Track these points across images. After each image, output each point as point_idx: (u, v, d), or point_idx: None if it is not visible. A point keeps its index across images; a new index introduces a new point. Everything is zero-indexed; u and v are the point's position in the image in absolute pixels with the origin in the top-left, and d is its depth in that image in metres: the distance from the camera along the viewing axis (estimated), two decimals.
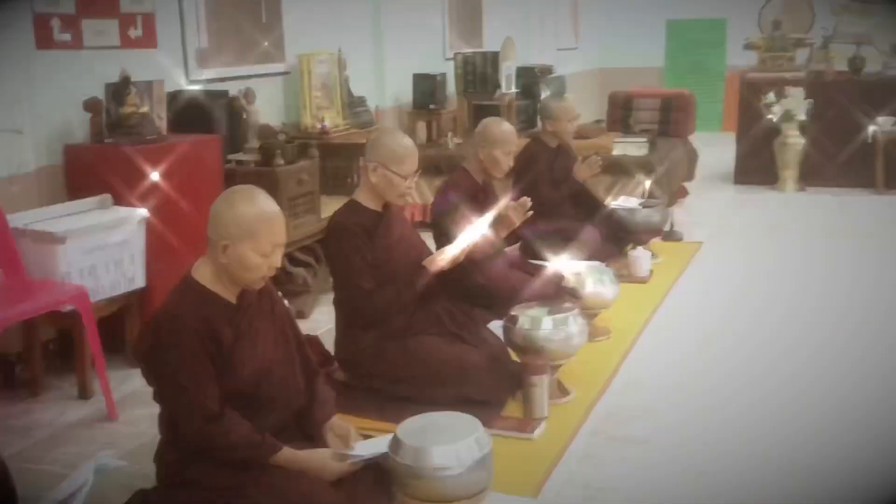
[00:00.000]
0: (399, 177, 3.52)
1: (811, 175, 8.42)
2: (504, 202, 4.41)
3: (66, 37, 4.42)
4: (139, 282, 4.21)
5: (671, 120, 8.07)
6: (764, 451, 3.31)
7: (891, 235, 6.61)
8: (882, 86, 8.28)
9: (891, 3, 9.14)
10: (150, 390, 2.61)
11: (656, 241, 6.18)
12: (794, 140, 8.28)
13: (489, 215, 4.26)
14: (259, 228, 2.49)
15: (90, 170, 4.32)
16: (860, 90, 8.30)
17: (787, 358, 4.25)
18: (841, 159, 8.31)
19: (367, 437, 2.79)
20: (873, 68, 8.65)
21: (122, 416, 3.75)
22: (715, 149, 10.45)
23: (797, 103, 8.15)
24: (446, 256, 3.64)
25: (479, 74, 8.04)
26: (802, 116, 8.16)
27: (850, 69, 8.59)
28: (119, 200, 4.24)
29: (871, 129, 8.06)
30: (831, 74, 8.64)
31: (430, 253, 3.79)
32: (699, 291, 5.37)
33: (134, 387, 4.00)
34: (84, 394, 3.96)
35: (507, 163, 4.51)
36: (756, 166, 8.69)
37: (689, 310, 5.03)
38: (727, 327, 4.70)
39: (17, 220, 3.91)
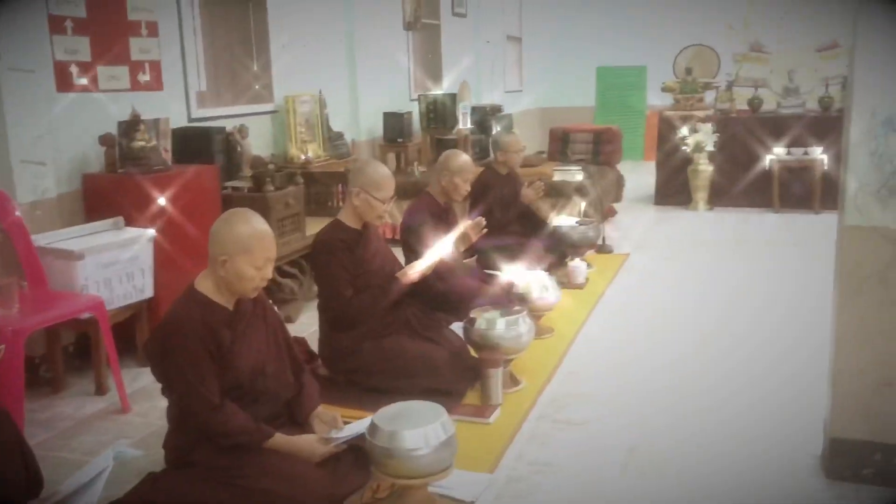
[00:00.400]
0: (378, 201, 3.51)
1: (719, 197, 8.53)
2: (464, 223, 4.42)
3: (84, 81, 4.36)
4: (148, 292, 4.15)
5: (602, 151, 8.12)
6: (688, 428, 3.33)
7: (785, 245, 6.73)
8: (776, 121, 8.40)
9: (781, 54, 9.32)
10: (158, 386, 2.58)
11: (591, 254, 6.21)
12: (704, 167, 8.39)
13: (452, 235, 4.27)
14: (253, 245, 2.48)
15: (105, 196, 4.26)
16: (758, 125, 8.41)
17: (702, 346, 4.30)
18: (743, 183, 8.41)
19: (347, 423, 2.77)
20: (769, 107, 8.80)
21: (135, 409, 3.68)
22: (638, 175, 10.58)
23: (706, 136, 8.25)
24: (416, 270, 3.65)
25: (439, 112, 8.06)
26: (711, 147, 8.27)
27: (750, 108, 8.71)
28: (130, 222, 4.18)
29: (768, 158, 8.18)
30: (734, 112, 8.76)
31: (402, 266, 3.79)
32: (627, 295, 5.41)
33: (144, 383, 3.94)
34: (100, 390, 3.88)
35: (465, 188, 4.52)
36: (673, 189, 8.78)
37: (619, 310, 5.06)
38: (651, 323, 4.73)
39: (41, 239, 3.85)
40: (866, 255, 2.74)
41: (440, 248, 3.82)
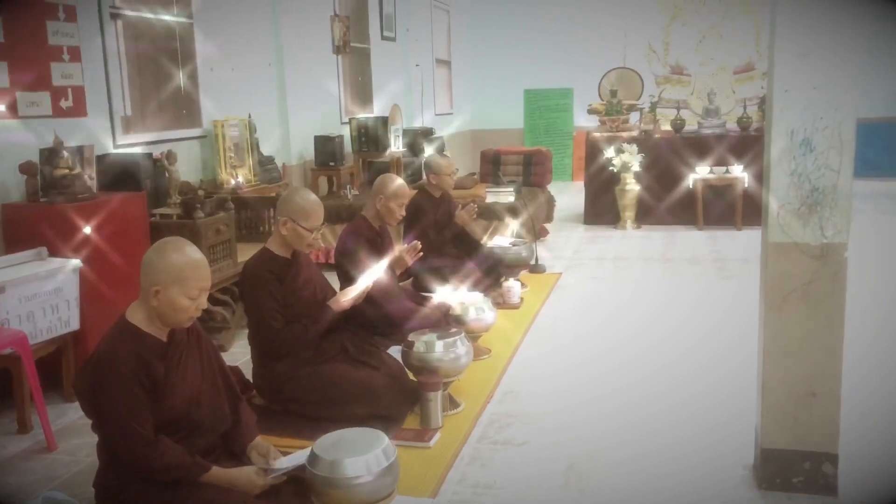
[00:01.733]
0: (306, 230, 3.47)
1: (645, 215, 8.74)
2: (399, 247, 4.41)
3: (1, 107, 4.21)
4: (74, 324, 4.01)
5: (532, 172, 8.24)
6: (624, 443, 3.39)
7: (711, 261, 6.93)
8: (698, 141, 8.66)
9: (700, 76, 9.66)
10: (85, 422, 2.49)
11: (524, 274, 6.28)
12: (631, 187, 8.58)
13: (386, 260, 4.26)
14: (187, 274, 2.43)
15: (26, 226, 4.11)
16: (682, 145, 8.65)
17: (635, 361, 4.38)
18: (668, 202, 8.65)
19: (285, 453, 2.73)
20: (691, 127, 9.08)
21: (61, 447, 3.53)
22: (568, 195, 10.77)
23: (632, 157, 8.46)
24: (348, 297, 3.62)
25: (371, 136, 8.06)
26: (637, 167, 8.48)
27: (673, 128, 8.97)
28: (54, 252, 4.04)
29: (692, 177, 8.43)
30: (658, 133, 9.00)
31: (335, 293, 3.76)
32: (561, 314, 5.48)
33: (70, 419, 3.79)
34: (23, 428, 3.72)
35: (400, 212, 4.53)
36: (601, 209, 8.95)
37: (554, 329, 5.12)
38: (585, 341, 4.80)
39: None
40: (789, 271, 2.84)
41: (372, 274, 3.82)
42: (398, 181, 4.54)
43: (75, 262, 3.99)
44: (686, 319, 5.21)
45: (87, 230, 4.09)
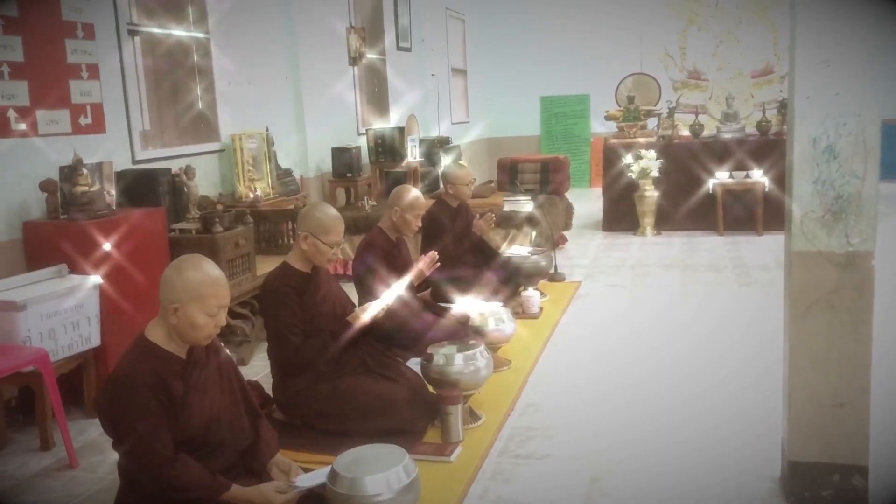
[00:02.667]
0: (326, 245, 3.47)
1: (665, 221, 8.68)
2: (417, 262, 4.38)
3: (22, 126, 4.24)
4: (94, 341, 4.02)
5: (550, 180, 8.20)
6: (648, 455, 3.34)
7: (730, 266, 6.86)
8: (717, 146, 8.59)
9: (718, 81, 9.59)
10: (107, 439, 2.48)
11: (543, 282, 6.24)
12: (650, 193, 8.53)
13: (408, 277, 4.24)
14: (206, 292, 2.43)
15: (47, 243, 4.13)
16: (700, 150, 8.59)
17: (658, 371, 4.33)
18: (688, 208, 8.58)
19: (306, 470, 2.71)
20: (710, 132, 9.01)
21: (82, 464, 3.54)
22: (586, 202, 10.72)
23: (651, 163, 8.40)
24: (368, 313, 3.60)
25: (388, 146, 8.07)
26: (655, 173, 8.42)
27: (692, 133, 8.91)
28: (74, 269, 4.06)
29: (711, 182, 8.36)
30: (676, 138, 8.95)
31: (354, 307, 3.74)
32: (582, 323, 5.43)
33: (92, 436, 3.80)
34: (45, 446, 3.73)
35: (417, 224, 4.52)
36: (620, 216, 8.90)
37: (575, 339, 5.08)
38: (607, 351, 4.76)
39: None
40: (814, 280, 2.79)
41: (393, 291, 3.80)
42: (413, 192, 4.53)
43: (95, 279, 4.01)
44: (708, 328, 5.15)
45: (107, 247, 4.11)
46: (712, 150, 8.56)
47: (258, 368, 4.70)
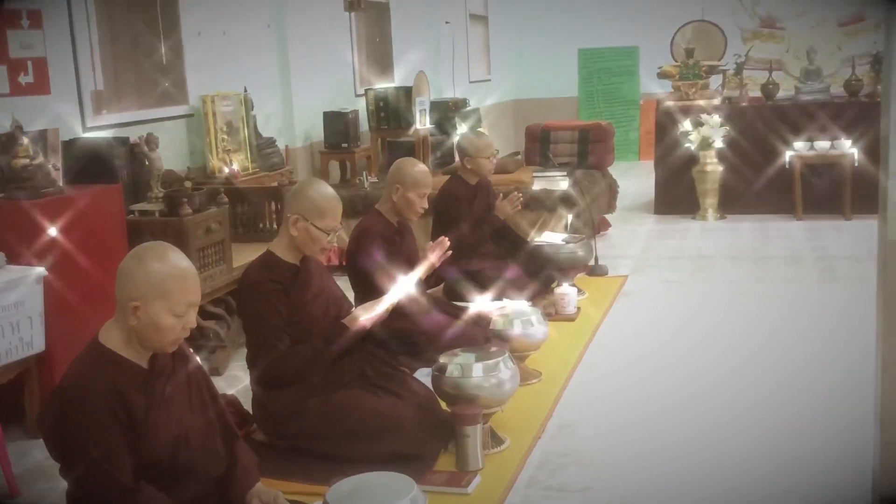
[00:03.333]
0: (321, 231, 3.49)
1: (731, 203, 8.65)
2: (427, 254, 4.39)
3: None
4: (38, 346, 4.06)
5: (590, 152, 8.18)
6: (709, 489, 3.34)
7: (811, 258, 6.84)
8: (796, 110, 8.56)
9: (798, 30, 9.53)
10: (54, 464, 2.52)
11: (581, 277, 6.25)
12: (713, 168, 8.50)
13: (418, 271, 4.26)
14: (172, 287, 2.45)
15: None
16: (775, 115, 8.56)
17: (721, 386, 4.32)
18: (759, 186, 8.56)
19: (294, 503, 2.74)
20: (787, 93, 8.96)
21: (25, 493, 3.59)
22: (634, 179, 10.70)
23: (714, 131, 8.37)
24: (369, 315, 3.61)
25: (391, 110, 8.09)
26: (719, 143, 8.39)
27: (764, 95, 8.87)
28: (14, 259, 4.09)
29: (788, 154, 8.33)
30: (746, 100, 8.90)
31: (351, 307, 3.76)
32: (628, 326, 5.44)
33: (36, 460, 3.84)
34: None
35: (422, 205, 4.53)
36: (675, 196, 8.87)
37: (620, 346, 5.08)
38: (661, 361, 4.76)
39: None
40: None
41: (399, 287, 3.81)
42: (418, 166, 4.54)
43: (39, 271, 4.04)
44: (782, 333, 5.14)
45: (53, 232, 4.14)
46: (789, 115, 8.52)
47: (235, 381, 4.74)
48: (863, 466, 3.18)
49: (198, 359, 2.79)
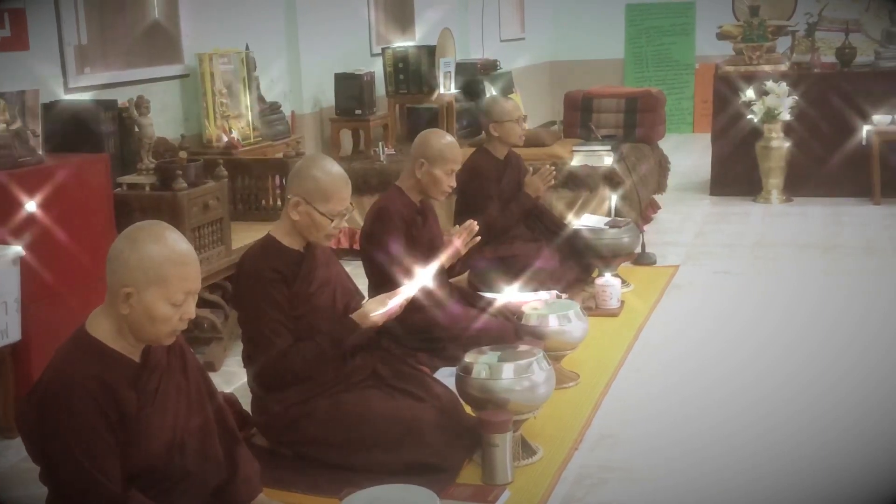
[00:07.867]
0: (325, 217, 3.49)
1: (798, 184, 8.59)
2: (451, 237, 4.41)
3: None
4: (14, 334, 4.10)
5: (638, 123, 8.14)
6: None
7: (891, 248, 6.79)
8: (876, 79, 8.49)
9: None
10: (33, 467, 2.56)
11: (626, 266, 6.24)
12: (779, 143, 8.43)
13: (439, 259, 4.27)
14: (169, 273, 2.48)
15: None
16: (852, 84, 8.49)
17: (782, 393, 4.32)
18: (832, 164, 8.49)
19: None
20: (865, 58, 8.88)
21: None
22: (687, 155, 10.66)
23: (780, 100, 8.31)
24: (381, 310, 3.60)
25: (412, 73, 8.07)
26: (787, 116, 8.33)
27: (839, 60, 8.79)
28: None
29: (866, 129, 8.25)
30: (818, 66, 8.83)
31: (362, 299, 3.78)
32: (678, 323, 5.43)
33: (11, 462, 3.90)
34: None
35: (450, 183, 4.52)
36: (735, 175, 8.82)
37: (669, 345, 5.08)
38: (713, 364, 4.75)
39: None
40: None
41: (419, 277, 3.82)
42: (446, 138, 4.55)
43: (15, 250, 4.07)
44: (855, 334, 5.12)
45: (32, 207, 4.18)
46: (868, 83, 8.47)
47: (233, 377, 4.77)
48: None
49: (194, 355, 2.84)
